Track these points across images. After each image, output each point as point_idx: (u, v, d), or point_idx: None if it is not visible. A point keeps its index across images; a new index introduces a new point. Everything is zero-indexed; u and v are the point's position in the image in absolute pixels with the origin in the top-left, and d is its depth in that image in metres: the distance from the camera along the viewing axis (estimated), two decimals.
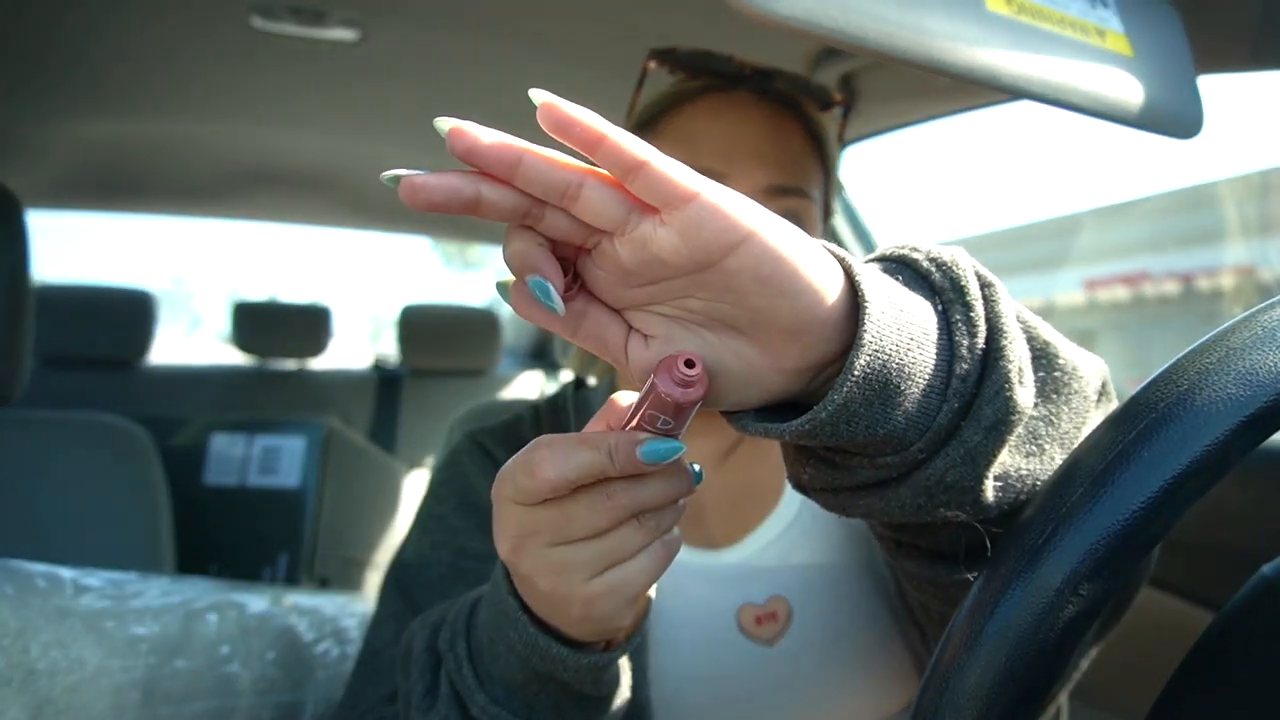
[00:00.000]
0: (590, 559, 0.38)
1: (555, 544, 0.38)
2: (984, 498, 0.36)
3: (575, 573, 0.39)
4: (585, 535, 0.38)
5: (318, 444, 1.50)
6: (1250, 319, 0.33)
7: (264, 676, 0.85)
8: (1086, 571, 0.30)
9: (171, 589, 0.85)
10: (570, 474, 0.36)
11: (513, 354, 2.80)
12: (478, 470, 0.69)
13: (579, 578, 0.39)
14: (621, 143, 0.31)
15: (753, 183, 0.64)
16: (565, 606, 0.40)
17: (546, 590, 0.40)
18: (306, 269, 77.96)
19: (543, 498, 0.37)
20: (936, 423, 0.35)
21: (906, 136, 1.24)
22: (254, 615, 0.89)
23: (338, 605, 1.02)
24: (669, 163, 0.31)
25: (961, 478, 0.35)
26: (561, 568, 0.39)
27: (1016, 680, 0.30)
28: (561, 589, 0.39)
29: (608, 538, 0.38)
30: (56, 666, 0.69)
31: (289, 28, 1.15)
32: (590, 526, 0.37)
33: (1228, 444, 0.30)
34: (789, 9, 0.40)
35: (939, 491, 0.36)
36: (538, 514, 0.38)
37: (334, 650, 0.95)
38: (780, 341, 0.33)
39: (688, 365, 0.34)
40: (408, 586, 0.65)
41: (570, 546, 0.38)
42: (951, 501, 0.36)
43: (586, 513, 0.37)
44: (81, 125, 1.56)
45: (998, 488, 0.37)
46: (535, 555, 0.39)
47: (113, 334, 2.17)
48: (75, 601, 0.76)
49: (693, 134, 0.67)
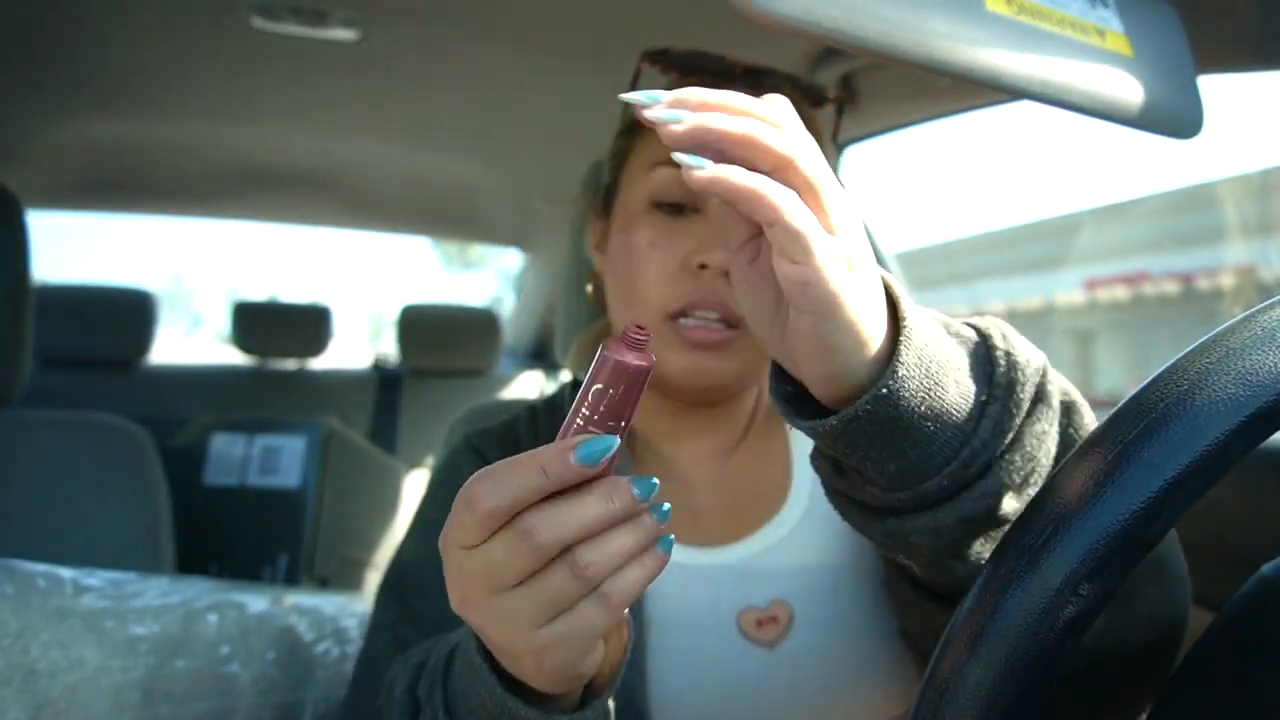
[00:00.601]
0: (531, 608, 0.36)
1: (493, 591, 0.36)
2: (930, 563, 0.42)
3: (519, 622, 0.36)
4: (516, 580, 0.36)
5: (318, 444, 1.50)
6: (1250, 319, 0.33)
7: (264, 676, 0.85)
8: (1086, 571, 0.30)
9: (171, 589, 0.85)
10: (506, 500, 0.35)
11: (513, 354, 2.80)
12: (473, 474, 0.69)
13: (524, 628, 0.36)
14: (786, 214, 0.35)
15: None
16: (517, 660, 0.38)
17: (496, 641, 0.38)
18: (306, 269, 77.99)
19: (488, 532, 0.36)
20: (923, 488, 0.39)
21: (907, 136, 1.25)
22: (254, 615, 0.89)
23: (337, 605, 1.02)
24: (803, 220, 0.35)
25: (922, 540, 0.41)
26: (504, 616, 0.36)
27: (1016, 680, 0.30)
28: (508, 641, 0.37)
29: (541, 583, 0.36)
30: (56, 666, 0.69)
31: (289, 28, 1.15)
32: (517, 569, 0.35)
33: (1227, 444, 0.30)
34: (789, 9, 0.40)
35: (897, 540, 0.42)
36: (475, 557, 0.36)
37: (334, 650, 0.95)
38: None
39: (639, 329, 0.35)
40: (404, 594, 0.64)
41: (509, 594, 0.36)
42: (906, 554, 0.43)
43: (507, 552, 0.35)
44: (82, 126, 1.56)
45: (943, 562, 0.42)
46: (479, 605, 0.37)
47: (113, 334, 2.17)
48: (75, 601, 0.76)
49: None
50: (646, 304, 0.63)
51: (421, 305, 2.50)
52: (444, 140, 1.68)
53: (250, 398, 2.30)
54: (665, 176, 0.63)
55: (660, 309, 0.62)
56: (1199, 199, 5.92)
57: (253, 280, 66.61)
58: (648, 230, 0.64)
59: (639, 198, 0.65)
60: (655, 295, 0.62)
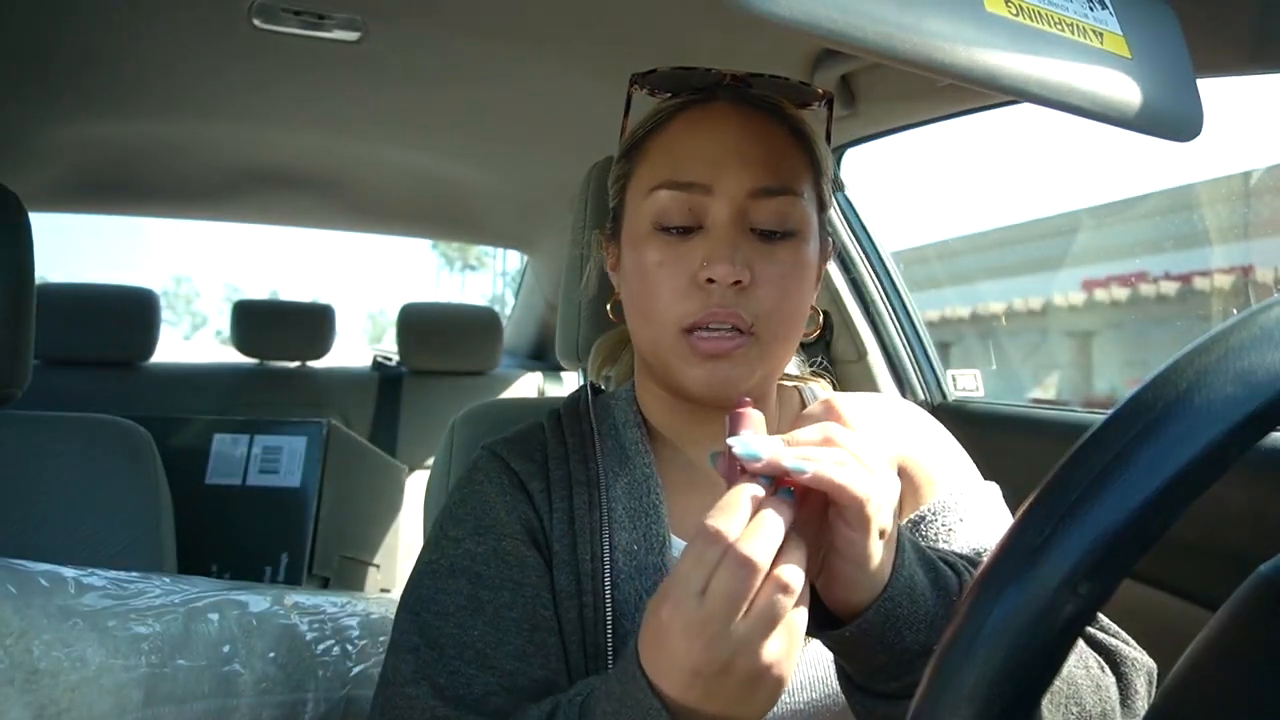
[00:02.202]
0: (761, 629, 0.44)
1: (730, 619, 0.43)
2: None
3: (754, 648, 0.44)
4: (746, 607, 0.44)
5: (318, 443, 1.50)
6: (1249, 319, 0.33)
7: (265, 675, 0.86)
8: (1085, 571, 0.30)
9: (173, 588, 0.85)
10: (737, 530, 0.44)
11: (513, 354, 2.80)
12: (496, 490, 0.68)
13: (757, 652, 0.44)
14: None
15: (739, 187, 0.65)
16: (760, 683, 0.45)
17: (745, 672, 0.44)
18: (306, 269, 77.90)
19: (712, 568, 0.44)
20: (904, 680, 0.51)
21: (907, 137, 1.25)
22: (255, 614, 0.89)
23: (339, 605, 1.02)
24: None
25: None
26: (743, 647, 0.43)
27: (1015, 680, 0.31)
28: (749, 670, 0.44)
29: (760, 604, 0.44)
30: (59, 665, 0.69)
31: (290, 29, 1.15)
32: (745, 596, 0.43)
33: (1226, 444, 0.30)
34: (789, 9, 0.40)
35: None
36: (709, 598, 0.43)
37: (335, 649, 0.95)
38: None
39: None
40: (424, 617, 0.63)
41: (742, 623, 0.43)
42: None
43: (732, 581, 0.43)
44: (84, 127, 1.56)
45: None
46: (718, 641, 0.43)
47: (116, 334, 2.17)
48: (78, 601, 0.76)
49: (673, 150, 0.68)
50: (661, 321, 0.65)
51: (422, 305, 2.50)
52: (444, 141, 1.68)
53: (251, 397, 2.30)
54: (664, 200, 0.66)
55: (675, 324, 0.64)
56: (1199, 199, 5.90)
57: (253, 280, 66.54)
58: (654, 251, 0.66)
59: (643, 220, 0.67)
60: (669, 312, 0.65)
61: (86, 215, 2.29)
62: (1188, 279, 7.53)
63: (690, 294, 0.64)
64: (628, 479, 0.68)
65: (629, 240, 0.70)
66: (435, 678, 0.59)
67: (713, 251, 0.63)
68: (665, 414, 0.73)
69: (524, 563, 0.64)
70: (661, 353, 0.66)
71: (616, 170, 0.73)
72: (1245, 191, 2.48)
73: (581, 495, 0.67)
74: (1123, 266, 8.72)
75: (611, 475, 0.68)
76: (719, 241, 0.64)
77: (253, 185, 2.00)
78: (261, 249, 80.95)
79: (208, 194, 2.07)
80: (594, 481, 0.67)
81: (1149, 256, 8.32)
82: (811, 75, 1.14)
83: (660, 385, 0.71)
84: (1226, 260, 3.06)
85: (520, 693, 0.59)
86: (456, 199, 2.11)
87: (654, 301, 0.65)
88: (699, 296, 0.64)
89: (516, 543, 0.65)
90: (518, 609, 0.62)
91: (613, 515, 0.66)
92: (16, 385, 0.99)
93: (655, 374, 0.70)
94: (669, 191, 0.65)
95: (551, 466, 0.69)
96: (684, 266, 0.64)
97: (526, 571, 0.64)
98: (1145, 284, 8.29)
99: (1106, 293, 8.91)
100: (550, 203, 1.99)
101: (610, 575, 0.63)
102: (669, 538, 0.65)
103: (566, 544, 0.65)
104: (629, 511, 0.66)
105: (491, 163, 1.81)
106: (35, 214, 1.03)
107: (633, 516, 0.66)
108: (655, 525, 0.65)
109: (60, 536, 0.95)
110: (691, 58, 0.72)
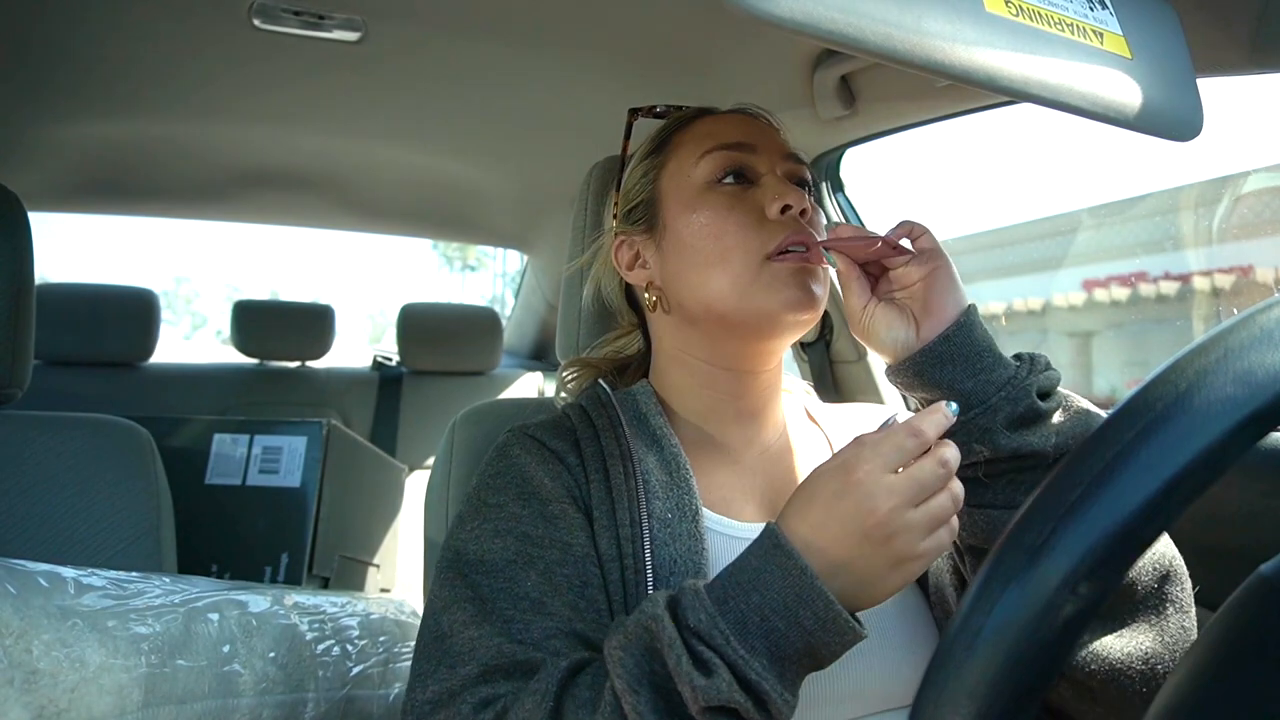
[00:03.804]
0: (927, 521, 0.52)
1: (912, 504, 0.52)
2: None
3: (915, 534, 0.52)
4: (928, 496, 0.53)
5: (318, 443, 1.49)
6: (1248, 319, 0.33)
7: (265, 675, 0.86)
8: (1086, 571, 0.31)
9: (173, 588, 0.86)
10: (937, 433, 0.55)
11: (513, 354, 2.80)
12: (534, 460, 0.70)
13: (916, 539, 0.52)
14: None
15: (778, 149, 0.76)
16: (902, 567, 0.52)
17: (898, 552, 0.52)
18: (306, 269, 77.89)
19: (915, 456, 0.54)
20: (990, 402, 0.62)
21: (907, 137, 1.25)
22: (255, 614, 0.89)
23: (339, 605, 1.03)
24: None
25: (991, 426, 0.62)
26: (909, 529, 0.52)
27: (1016, 679, 0.31)
28: (901, 552, 0.52)
29: (935, 501, 0.53)
30: (59, 665, 0.69)
31: (290, 29, 1.15)
32: (932, 488, 0.53)
33: (1226, 444, 0.30)
34: (789, 10, 0.40)
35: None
36: (904, 477, 0.53)
37: (335, 649, 0.95)
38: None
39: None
40: (471, 574, 0.63)
41: (918, 510, 0.52)
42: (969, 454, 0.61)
43: (931, 472, 0.53)
44: (83, 127, 1.56)
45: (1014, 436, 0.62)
46: (891, 519, 0.51)
47: (116, 334, 2.17)
48: (77, 601, 0.76)
49: (710, 130, 0.77)
50: (743, 256, 0.71)
51: (422, 305, 2.50)
52: (444, 141, 1.68)
53: (251, 397, 2.30)
54: (718, 158, 0.74)
55: (758, 253, 0.70)
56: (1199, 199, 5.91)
57: (253, 280, 66.52)
58: (719, 199, 0.73)
59: (695, 184, 0.74)
60: (748, 244, 0.71)
61: (86, 215, 2.29)
62: (1188, 279, 7.52)
63: (764, 224, 0.71)
64: (657, 455, 0.71)
65: (680, 208, 0.75)
66: (496, 622, 0.59)
67: (778, 189, 0.72)
68: (695, 393, 0.77)
69: (572, 524, 0.66)
70: (743, 287, 0.70)
71: (646, 165, 0.79)
72: (1245, 192, 2.48)
73: (616, 466, 0.69)
74: (1123, 266, 8.72)
75: (642, 450, 0.71)
76: (779, 182, 0.73)
77: (253, 185, 2.00)
78: (262, 249, 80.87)
79: (208, 194, 2.07)
80: (627, 454, 0.70)
81: (1149, 256, 8.32)
82: (811, 75, 1.14)
83: (704, 356, 0.76)
84: (1227, 260, 3.06)
85: (578, 638, 0.60)
86: (456, 199, 2.11)
87: (730, 240, 0.71)
88: (772, 227, 0.71)
89: (564, 505, 0.67)
90: (569, 566, 0.64)
91: (648, 485, 0.68)
92: (16, 385, 0.99)
93: (718, 328, 0.74)
94: (722, 151, 0.74)
95: (584, 444, 0.72)
96: (752, 204, 0.72)
97: (575, 533, 0.66)
98: (1145, 284, 8.29)
99: (1106, 293, 8.91)
100: (550, 203, 1.99)
101: (650, 539, 0.65)
102: (700, 508, 0.68)
103: (606, 509, 0.67)
104: (661, 484, 0.68)
105: (491, 163, 1.81)
106: (35, 214, 1.03)
107: (665, 488, 0.68)
108: (688, 495, 0.68)
109: (60, 536, 0.95)
110: (691, 58, 0.73)
